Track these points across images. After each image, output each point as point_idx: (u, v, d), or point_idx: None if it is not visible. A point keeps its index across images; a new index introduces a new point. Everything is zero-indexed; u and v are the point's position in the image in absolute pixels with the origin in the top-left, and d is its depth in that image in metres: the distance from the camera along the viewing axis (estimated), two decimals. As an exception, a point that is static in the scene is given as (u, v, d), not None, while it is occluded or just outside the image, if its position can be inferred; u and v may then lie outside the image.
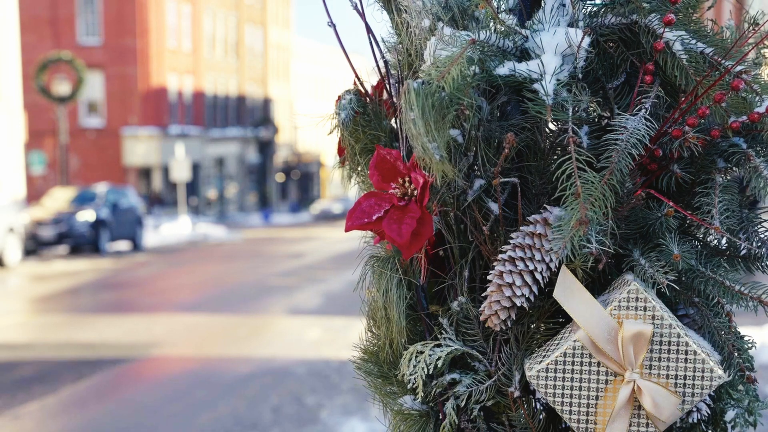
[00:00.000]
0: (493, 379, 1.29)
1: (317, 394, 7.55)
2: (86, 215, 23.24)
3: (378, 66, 1.43)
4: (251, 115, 52.34)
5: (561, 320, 1.30)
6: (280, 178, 53.70)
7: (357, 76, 1.51)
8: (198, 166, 43.45)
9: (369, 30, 1.42)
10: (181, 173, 32.79)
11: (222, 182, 47.52)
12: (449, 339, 1.30)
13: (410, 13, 1.31)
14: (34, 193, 33.95)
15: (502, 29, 1.25)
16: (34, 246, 22.32)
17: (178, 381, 8.21)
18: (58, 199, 24.98)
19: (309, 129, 61.81)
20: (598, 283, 1.29)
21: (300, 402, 7.30)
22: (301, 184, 58.34)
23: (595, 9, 1.28)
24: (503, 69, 1.22)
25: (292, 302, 13.80)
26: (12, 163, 28.64)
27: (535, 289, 1.24)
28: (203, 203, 44.14)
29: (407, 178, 1.29)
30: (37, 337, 10.37)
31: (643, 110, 1.22)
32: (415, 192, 1.28)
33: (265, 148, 51.93)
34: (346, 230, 1.32)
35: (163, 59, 41.05)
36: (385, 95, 1.50)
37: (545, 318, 1.30)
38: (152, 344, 9.97)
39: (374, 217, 1.30)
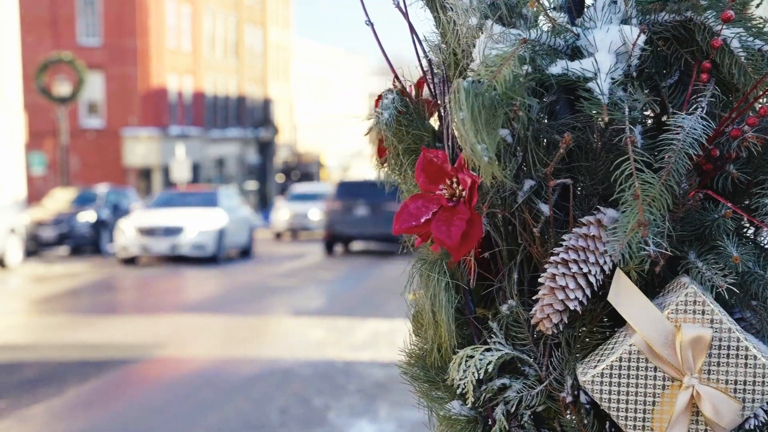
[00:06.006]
0: (544, 384, 1.27)
1: (324, 396, 7.53)
2: (87, 216, 23.20)
3: (421, 65, 1.40)
4: (251, 116, 52.33)
5: (613, 324, 1.28)
6: (280, 178, 53.70)
7: (396, 75, 1.49)
8: (198, 166, 43.44)
9: (412, 29, 1.40)
10: (181, 174, 32.76)
11: (222, 183, 47.50)
12: (499, 343, 1.27)
13: (456, 11, 1.28)
14: (35, 193, 33.91)
15: (554, 27, 1.22)
16: (35, 247, 22.28)
17: (184, 382, 8.18)
18: (59, 199, 24.94)
19: (309, 129, 61.90)
20: (651, 286, 1.26)
21: (307, 403, 7.27)
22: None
23: (648, 6, 1.25)
24: (556, 68, 1.20)
25: (294, 303, 13.78)
26: (12, 164, 28.61)
27: (588, 292, 1.21)
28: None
29: (455, 179, 1.27)
30: (40, 338, 10.35)
31: (699, 109, 1.20)
32: (464, 193, 1.26)
33: (265, 148, 51.92)
34: (395, 233, 1.30)
35: (163, 60, 41.02)
36: (425, 94, 1.47)
37: (597, 321, 1.27)
38: (156, 345, 9.95)
39: (422, 220, 1.27)
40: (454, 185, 1.27)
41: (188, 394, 7.58)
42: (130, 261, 20.54)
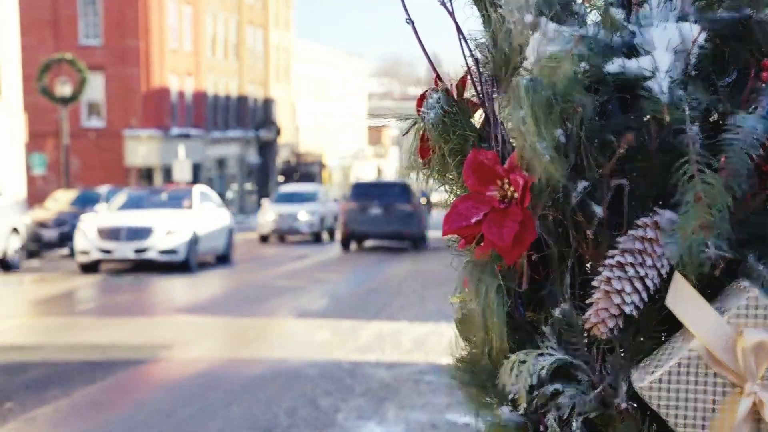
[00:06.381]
0: (598, 390, 1.24)
1: (331, 397, 7.50)
2: (89, 217, 23.15)
3: (467, 64, 1.37)
4: (252, 117, 52.30)
5: (669, 328, 1.25)
6: (281, 179, 53.69)
7: (438, 75, 1.46)
8: (199, 167, 43.42)
9: (458, 28, 1.37)
10: (183, 174, 32.75)
11: (223, 183, 47.47)
12: (552, 348, 1.24)
13: (510, 8, 1.26)
14: (36, 194, 33.87)
15: (611, 24, 1.20)
16: (37, 247, 22.22)
17: (191, 383, 8.14)
18: (61, 200, 24.91)
19: (310, 130, 61.86)
20: (705, 290, 1.23)
21: (315, 405, 7.24)
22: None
23: (705, 3, 1.23)
24: (613, 66, 1.17)
25: (298, 304, 13.76)
26: (13, 165, 28.58)
27: (644, 296, 1.19)
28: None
29: (506, 180, 1.24)
30: (45, 339, 10.32)
31: (760, 109, 1.17)
32: (515, 194, 1.23)
33: (266, 149, 51.89)
34: (444, 234, 1.27)
35: (164, 60, 40.99)
36: (468, 94, 1.44)
37: (653, 326, 1.25)
38: (162, 346, 9.92)
39: (473, 221, 1.24)
40: (506, 186, 1.24)
41: (196, 396, 7.55)
42: (91, 267, 18.21)
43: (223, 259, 20.74)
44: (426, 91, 1.44)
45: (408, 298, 14.30)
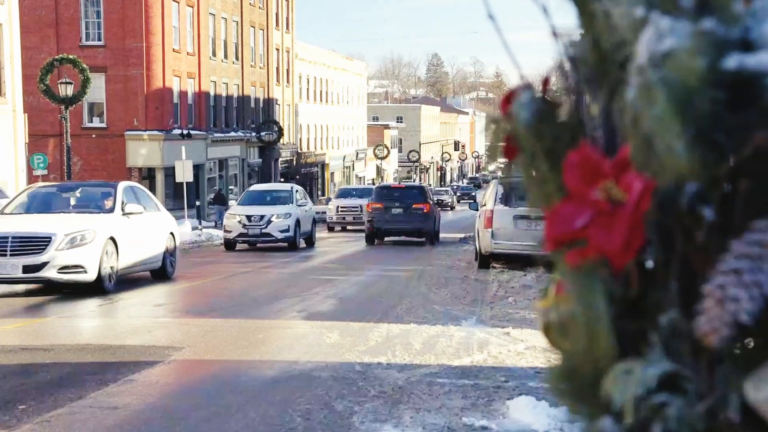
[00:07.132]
0: (708, 402, 1.18)
1: (345, 400, 7.44)
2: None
3: (562, 62, 1.32)
4: (254, 117, 52.28)
5: (784, 337, 1.20)
6: (283, 179, 53.70)
7: (521, 74, 1.41)
8: (200, 168, 43.37)
9: (552, 26, 1.32)
10: (184, 175, 32.72)
11: (224, 184, 47.42)
12: (659, 357, 1.19)
13: (614, 1, 1.20)
14: (37, 195, 33.83)
15: (727, 17, 1.14)
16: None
17: (204, 386, 8.08)
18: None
19: (311, 131, 61.83)
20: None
21: (330, 407, 7.18)
22: (303, 185, 58.20)
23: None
24: (732, 62, 1.12)
25: (305, 305, 13.71)
26: (14, 165, 28.54)
27: (761, 303, 1.13)
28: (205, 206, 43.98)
29: (614, 181, 1.19)
30: (54, 341, 10.25)
31: None
32: (625, 196, 1.17)
33: (268, 150, 51.87)
34: (547, 238, 1.22)
35: (166, 61, 40.96)
36: (551, 92, 1.39)
37: (766, 335, 1.19)
38: (171, 348, 9.86)
39: (577, 224, 1.19)
40: (613, 188, 1.18)
41: (209, 398, 7.49)
42: None
43: (160, 274, 16.82)
44: (512, 90, 1.39)
45: (414, 301, 14.25)
